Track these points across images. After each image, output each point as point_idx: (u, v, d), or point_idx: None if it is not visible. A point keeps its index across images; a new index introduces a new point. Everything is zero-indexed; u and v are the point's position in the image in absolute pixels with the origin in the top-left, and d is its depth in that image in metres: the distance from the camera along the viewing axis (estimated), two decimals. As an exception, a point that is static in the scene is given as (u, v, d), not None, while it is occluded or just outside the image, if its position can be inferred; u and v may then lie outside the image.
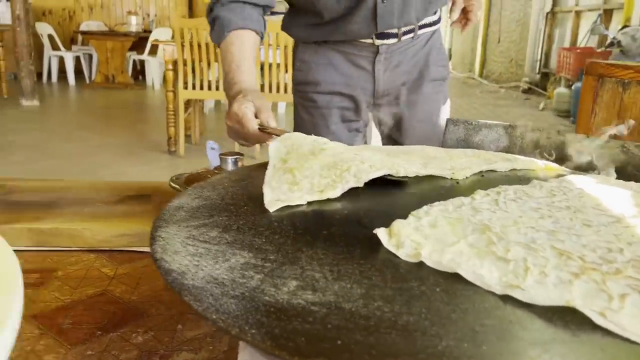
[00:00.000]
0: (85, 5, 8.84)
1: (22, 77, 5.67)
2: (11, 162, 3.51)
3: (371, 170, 0.64)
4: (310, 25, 1.16)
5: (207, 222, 0.56)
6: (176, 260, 0.47)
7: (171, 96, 3.74)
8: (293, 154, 0.73)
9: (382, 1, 1.07)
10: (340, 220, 0.54)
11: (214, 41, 1.04)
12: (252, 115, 0.85)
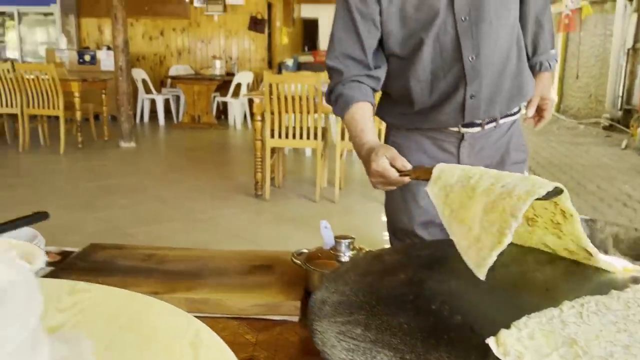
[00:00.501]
0: (174, 50, 9.57)
1: (122, 122, 6.25)
2: (119, 205, 3.91)
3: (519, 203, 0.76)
4: (402, 113, 1.34)
5: (349, 319, 0.73)
6: (335, 353, 0.65)
7: (259, 144, 4.04)
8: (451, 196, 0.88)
9: (470, 97, 1.24)
10: (457, 326, 0.70)
11: (337, 114, 1.25)
12: (390, 166, 1.04)
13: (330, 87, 1.27)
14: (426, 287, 0.83)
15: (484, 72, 1.22)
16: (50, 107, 5.60)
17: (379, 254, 1.01)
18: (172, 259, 1.34)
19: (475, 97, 1.23)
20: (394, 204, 1.47)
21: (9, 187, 4.26)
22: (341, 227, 3.57)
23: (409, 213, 1.39)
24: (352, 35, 1.23)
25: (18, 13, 9.06)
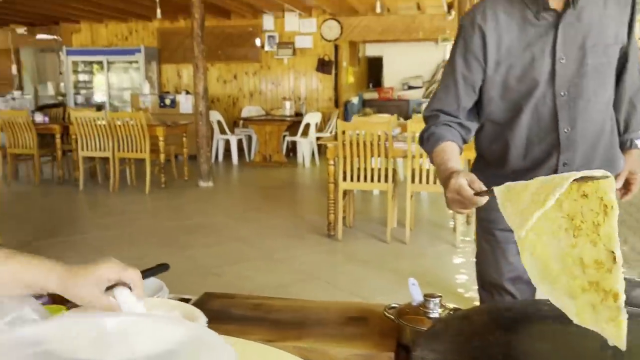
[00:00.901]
0: (247, 92, 10.09)
1: (202, 163, 6.67)
2: (203, 244, 4.20)
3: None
4: (495, 175, 1.44)
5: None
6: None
7: (332, 187, 4.25)
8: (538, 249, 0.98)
9: (563, 165, 1.34)
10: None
11: (426, 149, 1.38)
12: (467, 185, 1.13)
13: (423, 130, 1.41)
14: (513, 349, 0.96)
15: (578, 143, 1.32)
16: (138, 150, 6.09)
17: (468, 314, 1.14)
18: (277, 308, 1.52)
19: (567, 165, 1.33)
20: (484, 258, 1.57)
21: (105, 227, 4.67)
22: (413, 270, 3.69)
23: (499, 269, 1.48)
24: (451, 97, 1.38)
25: (107, 62, 9.90)
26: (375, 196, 5.73)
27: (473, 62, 1.35)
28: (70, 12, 9.08)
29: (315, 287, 3.33)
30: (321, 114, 9.05)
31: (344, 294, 3.20)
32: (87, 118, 6.11)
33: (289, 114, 8.90)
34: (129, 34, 10.32)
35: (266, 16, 9.64)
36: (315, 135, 8.70)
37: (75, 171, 6.53)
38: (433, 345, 0.99)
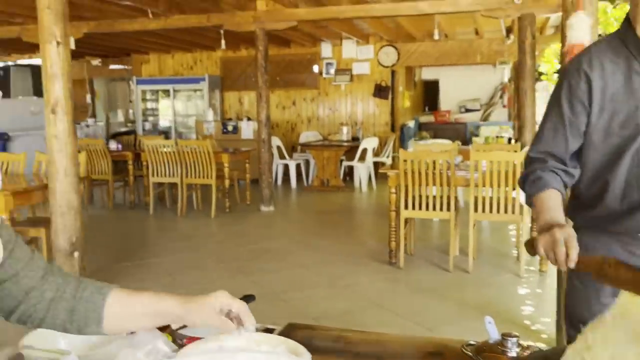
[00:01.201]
0: (305, 118, 10.34)
1: (263, 188, 6.90)
2: (269, 269, 4.35)
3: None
4: (593, 216, 1.48)
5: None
6: None
7: (393, 215, 4.32)
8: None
9: None
10: None
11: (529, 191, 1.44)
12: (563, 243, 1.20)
13: (529, 171, 1.47)
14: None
15: None
16: (205, 176, 6.38)
17: (546, 355, 1.20)
18: (356, 341, 1.61)
19: None
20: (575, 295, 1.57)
21: (176, 251, 4.92)
22: (477, 300, 3.70)
23: (589, 308, 1.49)
24: (559, 139, 1.44)
25: (173, 90, 10.43)
26: (435, 222, 5.74)
27: (578, 106, 1.40)
28: (141, 44, 9.66)
29: (379, 315, 3.39)
30: (378, 138, 9.15)
31: (407, 322, 3.25)
32: (158, 145, 6.48)
33: (346, 139, 9.05)
34: (194, 63, 10.84)
35: (324, 44, 9.90)
36: (372, 159, 8.80)
37: (146, 196, 6.90)
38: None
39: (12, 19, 7.24)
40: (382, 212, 6.63)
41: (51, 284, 0.95)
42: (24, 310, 0.94)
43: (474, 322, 3.17)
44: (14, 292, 0.93)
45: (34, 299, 0.94)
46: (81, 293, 0.96)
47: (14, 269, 0.92)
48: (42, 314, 0.95)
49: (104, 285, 0.99)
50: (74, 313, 0.95)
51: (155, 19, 6.81)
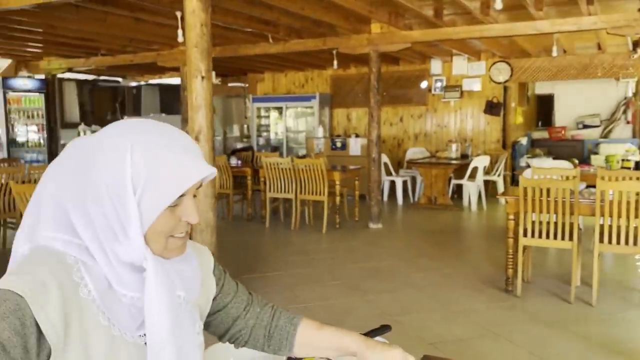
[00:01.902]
0: (412, 134, 10.38)
1: (372, 205, 7.05)
2: (381, 289, 4.47)
3: None
4: None
5: None
6: None
7: (511, 242, 4.26)
8: None
9: None
10: None
11: None
12: None
13: None
14: None
15: None
16: (317, 193, 6.66)
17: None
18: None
19: None
20: None
21: (293, 265, 5.20)
22: (602, 337, 3.58)
23: None
24: None
25: (285, 107, 10.94)
26: (552, 250, 5.54)
27: None
28: (258, 65, 10.27)
29: (495, 344, 3.38)
30: (489, 156, 8.96)
31: (527, 354, 3.21)
32: (275, 163, 6.87)
33: (455, 156, 8.95)
34: (305, 81, 11.30)
35: (434, 61, 9.89)
36: (483, 177, 8.62)
37: (262, 209, 7.32)
38: None
39: (149, 47, 8.06)
40: (494, 234, 6.51)
41: (252, 313, 1.18)
42: (232, 335, 1.18)
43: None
44: (224, 320, 1.16)
45: (239, 326, 1.17)
46: (276, 322, 1.18)
47: (224, 302, 1.15)
48: (245, 338, 1.18)
49: (294, 316, 1.19)
50: (270, 339, 1.18)
51: (275, 43, 7.25)
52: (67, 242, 0.89)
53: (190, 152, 0.92)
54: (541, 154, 10.04)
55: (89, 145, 0.92)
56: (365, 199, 8.79)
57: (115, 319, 0.89)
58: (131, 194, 0.87)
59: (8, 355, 0.79)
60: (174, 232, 0.93)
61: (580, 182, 4.35)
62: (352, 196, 7.67)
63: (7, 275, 0.85)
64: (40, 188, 0.93)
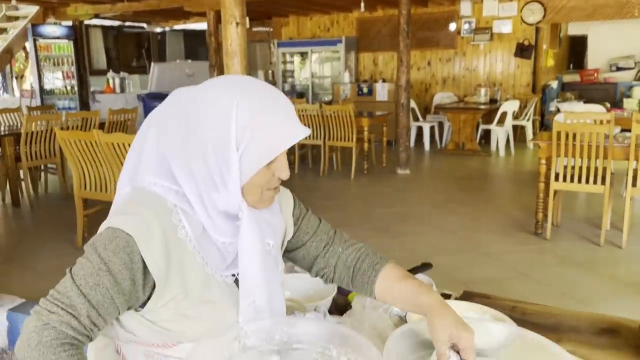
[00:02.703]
0: (440, 79, 10.22)
1: (400, 151, 7.08)
2: (413, 232, 4.58)
3: None
4: None
5: None
6: None
7: (542, 186, 4.29)
8: None
9: None
10: None
11: None
12: None
13: None
14: None
15: None
16: (346, 139, 6.70)
17: None
18: (531, 312, 1.78)
19: None
20: None
21: (325, 209, 5.32)
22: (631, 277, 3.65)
23: None
24: None
25: (311, 52, 10.82)
26: (581, 193, 5.55)
27: None
28: (282, 8, 10.10)
29: (526, 284, 3.49)
30: (518, 100, 8.82)
31: (557, 294, 3.31)
32: (304, 109, 6.89)
33: (484, 100, 8.84)
34: (331, 25, 11.10)
35: (464, 2, 9.60)
36: (512, 123, 8.53)
37: (291, 155, 7.43)
38: None
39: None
40: (522, 179, 6.53)
41: (332, 252, 1.21)
42: (317, 271, 1.23)
43: (630, 300, 3.17)
44: (306, 257, 1.22)
45: (321, 264, 1.22)
46: (360, 264, 1.18)
47: (303, 240, 1.21)
48: (331, 276, 1.22)
49: (379, 261, 1.17)
50: (354, 280, 1.19)
51: (302, -14, 7.10)
52: (167, 188, 0.97)
53: (289, 112, 0.98)
54: (572, 97, 9.83)
55: (193, 100, 0.97)
56: (392, 145, 8.83)
57: (208, 259, 0.99)
58: (234, 150, 0.94)
59: (119, 286, 0.90)
60: (267, 185, 1.01)
61: (615, 126, 4.31)
62: (379, 142, 7.70)
63: (116, 215, 0.95)
64: (142, 134, 1.01)
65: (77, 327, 0.88)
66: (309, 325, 1.06)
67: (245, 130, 0.93)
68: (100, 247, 0.91)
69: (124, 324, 0.99)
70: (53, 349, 0.85)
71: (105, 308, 0.90)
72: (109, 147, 3.81)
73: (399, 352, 0.98)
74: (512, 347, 1.10)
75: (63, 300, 0.88)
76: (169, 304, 0.96)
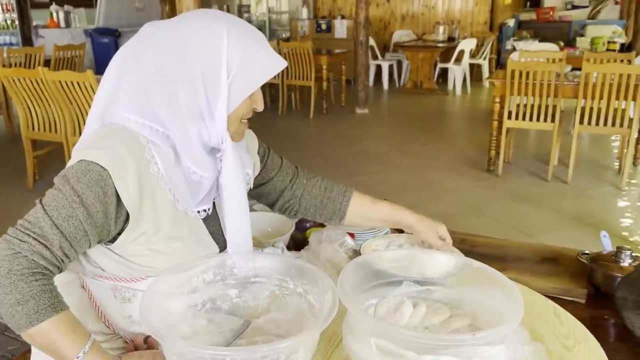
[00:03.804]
0: (399, 16, 10.09)
1: (359, 90, 7.06)
2: (371, 171, 4.66)
3: None
4: None
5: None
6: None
7: (496, 124, 4.40)
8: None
9: None
10: None
11: None
12: None
13: None
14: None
15: None
16: (304, 78, 6.62)
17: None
18: (479, 244, 1.88)
19: None
20: None
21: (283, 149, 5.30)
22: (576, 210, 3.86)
23: None
24: None
25: (267, -14, 10.44)
26: (532, 131, 5.73)
27: None
28: (236, -61, 9.61)
29: (478, 219, 3.65)
30: (475, 39, 8.84)
31: (507, 228, 3.48)
32: (260, 47, 6.71)
33: (442, 39, 8.83)
34: (288, -43, 10.67)
35: None
36: (469, 61, 8.58)
37: (248, 95, 7.27)
38: (632, 289, 1.29)
39: None
40: (477, 117, 6.66)
41: (298, 185, 1.28)
42: (282, 205, 1.29)
43: (573, 231, 3.37)
44: (272, 192, 1.28)
45: (287, 197, 1.28)
46: (328, 194, 1.29)
47: (270, 176, 1.26)
48: (296, 207, 1.29)
49: (346, 189, 1.32)
50: (323, 209, 1.29)
51: None
52: (141, 124, 0.96)
53: (267, 43, 0.99)
54: (528, 36, 9.91)
55: (178, 28, 0.95)
56: (351, 84, 8.78)
57: (179, 196, 1.00)
58: (225, 77, 0.93)
59: (92, 219, 0.90)
60: (245, 116, 1.02)
61: (566, 64, 4.41)
62: (338, 81, 7.65)
63: (89, 148, 0.93)
64: (116, 68, 0.98)
65: (48, 257, 0.88)
66: (267, 260, 1.09)
67: (234, 57, 0.93)
68: (73, 180, 0.90)
69: (91, 259, 1.00)
70: (25, 278, 0.84)
71: (77, 240, 0.90)
72: (56, 86, 3.64)
73: (353, 282, 1.03)
74: (459, 275, 1.17)
75: (34, 230, 0.88)
76: (140, 238, 0.97)
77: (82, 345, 0.87)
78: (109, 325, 1.05)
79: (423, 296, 1.15)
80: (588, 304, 1.50)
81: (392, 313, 1.05)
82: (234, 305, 1.05)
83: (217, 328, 0.98)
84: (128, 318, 1.03)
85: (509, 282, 1.06)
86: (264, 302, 1.06)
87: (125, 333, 1.04)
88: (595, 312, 1.46)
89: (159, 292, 0.93)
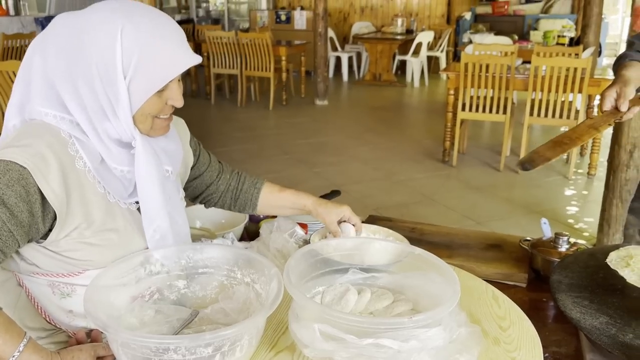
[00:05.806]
0: (358, 8, 10.14)
1: (319, 82, 7.08)
2: (328, 162, 4.70)
3: None
4: None
5: (579, 295, 1.26)
6: (573, 313, 1.18)
7: (450, 116, 4.51)
8: None
9: None
10: (649, 308, 1.19)
11: (614, 68, 1.61)
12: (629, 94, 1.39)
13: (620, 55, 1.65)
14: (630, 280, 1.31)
15: None
16: (263, 69, 6.59)
17: (593, 252, 1.49)
18: (428, 232, 1.94)
19: None
20: None
21: (240, 141, 5.30)
22: (525, 199, 3.99)
23: None
24: None
25: (226, -24, 10.31)
26: (487, 122, 5.89)
27: None
28: None
29: (431, 208, 3.74)
30: (433, 31, 8.99)
31: (459, 216, 3.59)
32: (218, 37, 6.65)
33: (400, 31, 8.93)
34: (246, -53, 10.55)
35: None
36: (427, 54, 8.72)
37: (207, 86, 7.21)
38: (566, 273, 1.36)
39: None
40: (434, 109, 6.78)
41: (223, 179, 1.34)
42: (204, 197, 1.34)
43: (522, 219, 3.50)
44: (199, 186, 1.31)
45: (211, 191, 1.33)
46: (241, 186, 1.35)
47: (201, 171, 1.28)
48: (215, 200, 1.35)
49: (257, 180, 1.37)
50: (237, 200, 1.36)
51: None
52: (60, 118, 0.94)
53: (178, 38, 0.96)
54: (483, 29, 10.14)
55: (78, 23, 0.93)
56: (311, 75, 8.78)
57: (109, 188, 0.99)
58: (121, 78, 0.91)
59: (16, 218, 0.89)
60: (160, 114, 1.00)
61: (518, 58, 4.55)
62: (297, 72, 7.64)
63: (6, 147, 0.91)
64: (26, 63, 0.96)
65: None
66: (215, 250, 1.10)
67: (132, 56, 0.91)
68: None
69: (25, 257, 0.98)
70: None
71: (3, 242, 0.88)
72: (4, 77, 3.53)
73: (300, 271, 1.06)
74: (403, 262, 1.21)
75: None
76: (72, 234, 0.95)
77: (17, 344, 0.85)
78: (51, 321, 1.03)
79: (368, 283, 1.19)
80: (529, 288, 1.56)
81: (337, 300, 1.09)
82: (182, 295, 1.06)
83: (165, 318, 0.99)
84: (69, 313, 1.02)
85: (447, 267, 1.11)
86: (212, 292, 1.07)
87: (67, 327, 1.04)
88: (535, 295, 1.52)
89: (104, 285, 0.94)
